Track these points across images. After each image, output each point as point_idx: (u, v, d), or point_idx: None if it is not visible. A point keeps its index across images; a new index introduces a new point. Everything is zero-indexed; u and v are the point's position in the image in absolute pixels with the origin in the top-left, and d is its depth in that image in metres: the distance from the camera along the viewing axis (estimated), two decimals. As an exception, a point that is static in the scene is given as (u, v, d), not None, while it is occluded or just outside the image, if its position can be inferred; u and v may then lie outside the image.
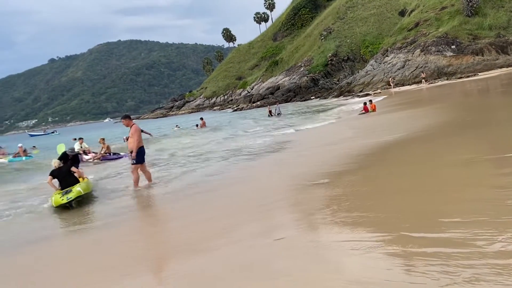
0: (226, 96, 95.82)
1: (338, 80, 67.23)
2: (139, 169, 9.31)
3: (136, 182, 9.31)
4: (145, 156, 9.48)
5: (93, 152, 18.41)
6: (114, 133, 42.13)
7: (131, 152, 9.17)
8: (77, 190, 8.29)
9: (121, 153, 18.66)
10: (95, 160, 17.54)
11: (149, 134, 16.37)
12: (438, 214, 4.19)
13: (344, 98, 49.92)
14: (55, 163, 9.51)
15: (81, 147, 18.01)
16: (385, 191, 5.76)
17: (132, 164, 9.25)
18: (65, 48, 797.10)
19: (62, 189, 8.97)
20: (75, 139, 39.80)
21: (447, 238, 3.58)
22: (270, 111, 33.86)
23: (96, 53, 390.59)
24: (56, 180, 9.29)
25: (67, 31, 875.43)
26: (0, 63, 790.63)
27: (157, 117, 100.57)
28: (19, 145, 24.26)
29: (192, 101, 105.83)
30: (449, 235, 3.62)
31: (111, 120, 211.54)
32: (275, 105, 35.62)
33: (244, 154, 13.01)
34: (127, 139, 17.82)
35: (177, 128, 33.21)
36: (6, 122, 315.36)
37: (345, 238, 4.02)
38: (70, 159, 10.62)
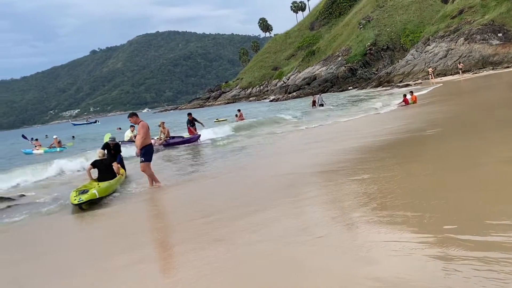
0: (261, 87, 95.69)
1: (376, 70, 65.72)
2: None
3: (151, 179, 9.09)
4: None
5: (151, 139, 18.07)
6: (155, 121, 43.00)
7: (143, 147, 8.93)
8: (92, 193, 7.93)
9: (184, 135, 18.80)
10: (156, 146, 16.95)
11: (202, 124, 16.74)
12: (485, 216, 4.02)
13: (383, 88, 48.76)
14: (100, 153, 9.65)
15: (133, 134, 17.62)
16: (425, 188, 5.56)
17: (141, 162, 9.00)
18: (105, 39, 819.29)
19: (99, 180, 9.07)
20: (119, 128, 40.85)
21: (495, 242, 3.42)
22: (314, 102, 33.24)
23: (135, 45, 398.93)
24: (95, 169, 9.35)
25: (107, 23, 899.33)
26: (45, 55, 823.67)
27: (194, 108, 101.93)
28: (54, 136, 26.28)
29: (228, 91, 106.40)
30: (498, 239, 3.46)
31: (150, 110, 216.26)
32: (318, 95, 34.81)
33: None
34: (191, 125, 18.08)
35: (218, 121, 32.63)
36: (51, 111, 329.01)
37: (386, 238, 3.92)
38: (113, 149, 10.86)
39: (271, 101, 68.02)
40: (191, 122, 19.19)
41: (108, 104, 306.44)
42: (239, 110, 29.09)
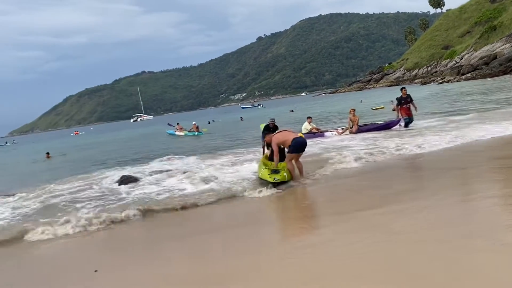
0: (429, 68, 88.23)
1: None
2: (293, 160, 9.06)
3: (291, 171, 9.05)
4: (305, 148, 9.18)
5: (340, 128, 16.99)
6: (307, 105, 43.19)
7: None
8: (284, 175, 8.60)
9: (379, 122, 16.71)
10: (343, 134, 15.99)
11: (415, 107, 15.29)
12: None
13: None
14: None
15: (310, 125, 17.22)
16: None
17: (287, 152, 9.16)
18: (271, 26, 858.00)
19: (270, 160, 9.72)
20: (291, 111, 42.46)
21: None
22: None
23: (298, 29, 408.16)
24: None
25: (273, 10, 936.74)
26: (218, 43, 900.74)
27: (354, 91, 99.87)
28: (193, 122, 30.93)
29: (391, 73, 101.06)
30: None
31: (308, 94, 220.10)
32: None
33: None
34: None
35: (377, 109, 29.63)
36: (222, 95, 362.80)
37: None
38: (272, 130, 11.32)
39: (440, 83, 62.21)
40: (405, 99, 15.53)
41: (271, 88, 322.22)
42: (403, 88, 26.35)
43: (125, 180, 11.21)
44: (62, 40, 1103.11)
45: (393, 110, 23.73)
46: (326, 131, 17.03)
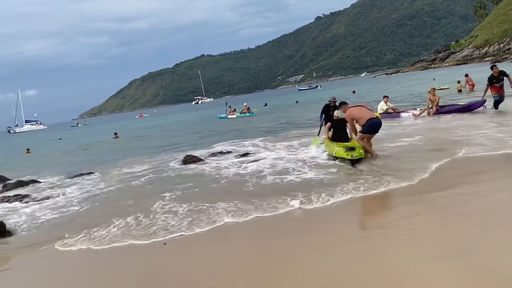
0: (502, 45, 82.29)
1: None
2: (366, 139, 8.93)
3: (367, 150, 8.92)
4: (379, 130, 8.96)
5: (419, 108, 15.95)
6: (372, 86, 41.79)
7: None
8: (360, 152, 8.52)
9: (460, 103, 15.02)
10: (421, 117, 14.94)
11: (511, 82, 13.79)
12: None
13: None
14: (337, 113, 10.28)
15: (387, 105, 16.60)
16: None
17: (359, 131, 9.04)
18: (329, 5, 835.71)
19: (333, 140, 9.89)
20: (353, 91, 41.74)
21: None
22: None
23: (358, 8, 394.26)
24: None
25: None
26: (276, 25, 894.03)
27: (417, 70, 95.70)
28: (244, 104, 32.36)
29: (458, 52, 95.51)
30: None
31: (368, 74, 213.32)
32: None
33: None
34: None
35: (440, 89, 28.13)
36: (279, 77, 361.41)
37: None
38: (332, 109, 11.51)
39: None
40: (497, 78, 13.56)
41: (329, 69, 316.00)
42: (466, 75, 24.56)
43: (189, 159, 12.03)
44: (125, 26, 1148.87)
45: (459, 91, 22.46)
46: (403, 111, 16.18)
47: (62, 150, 25.94)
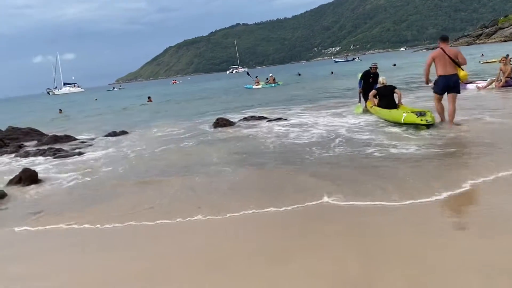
0: (555, 21, 77.21)
1: None
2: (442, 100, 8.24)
3: (439, 113, 8.35)
4: (452, 89, 7.99)
5: (489, 79, 14.59)
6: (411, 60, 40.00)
7: None
8: (433, 116, 7.94)
9: None
10: (487, 89, 13.62)
11: None
12: None
13: None
14: (383, 80, 9.99)
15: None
16: None
17: (433, 91, 8.39)
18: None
19: (380, 106, 9.58)
20: (394, 65, 40.39)
21: None
22: None
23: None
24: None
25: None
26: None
27: (461, 46, 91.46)
28: (270, 74, 32.84)
29: (507, 27, 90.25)
30: None
31: (407, 49, 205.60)
32: None
33: None
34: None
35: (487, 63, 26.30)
36: (315, 49, 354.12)
37: None
38: (372, 76, 11.26)
39: None
40: None
41: (368, 42, 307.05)
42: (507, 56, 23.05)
43: (220, 122, 11.99)
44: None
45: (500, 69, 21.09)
46: (470, 82, 14.45)
47: (98, 112, 26.54)
